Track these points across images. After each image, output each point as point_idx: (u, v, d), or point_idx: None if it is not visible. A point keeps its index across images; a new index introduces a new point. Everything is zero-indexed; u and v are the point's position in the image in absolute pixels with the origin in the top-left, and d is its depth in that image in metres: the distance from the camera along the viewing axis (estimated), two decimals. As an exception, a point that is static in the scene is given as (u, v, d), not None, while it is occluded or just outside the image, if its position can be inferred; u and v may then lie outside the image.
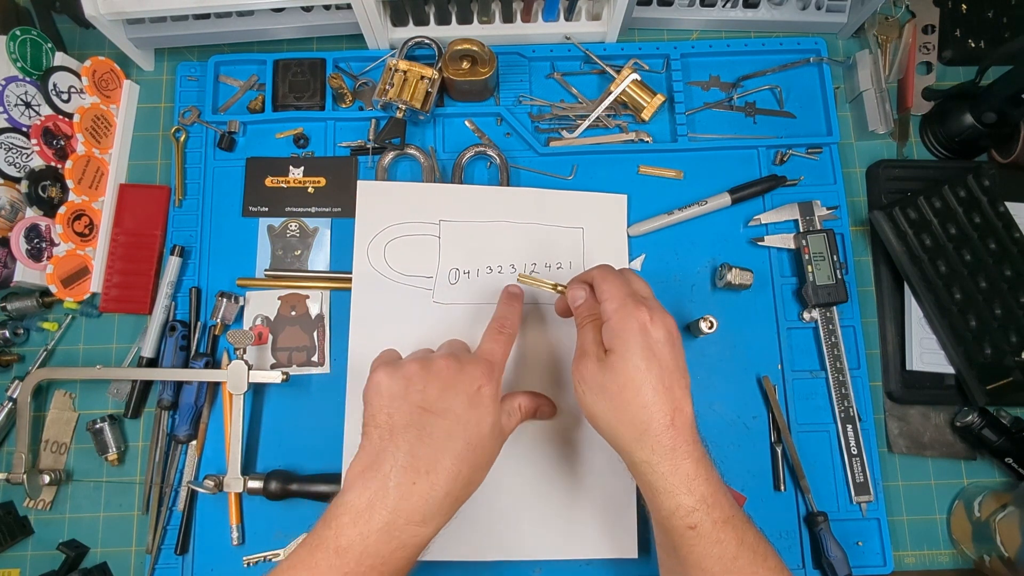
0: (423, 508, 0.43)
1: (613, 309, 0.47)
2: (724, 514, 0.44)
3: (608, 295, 0.48)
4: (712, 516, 0.44)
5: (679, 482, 0.44)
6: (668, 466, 0.44)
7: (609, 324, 0.47)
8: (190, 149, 0.70)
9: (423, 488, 0.44)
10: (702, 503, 0.44)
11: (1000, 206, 0.65)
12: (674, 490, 0.44)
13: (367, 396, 0.48)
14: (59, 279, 0.64)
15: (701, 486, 0.44)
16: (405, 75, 0.66)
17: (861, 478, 0.62)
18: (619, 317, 0.47)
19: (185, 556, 0.61)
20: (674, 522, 0.44)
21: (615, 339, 0.46)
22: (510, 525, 0.59)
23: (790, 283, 0.67)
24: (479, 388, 0.48)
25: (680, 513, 0.44)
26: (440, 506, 0.44)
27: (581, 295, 0.52)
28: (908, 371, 0.65)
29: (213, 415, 0.64)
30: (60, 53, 0.68)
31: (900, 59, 0.73)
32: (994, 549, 0.59)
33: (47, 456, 0.63)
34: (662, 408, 0.45)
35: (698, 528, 0.44)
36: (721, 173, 0.69)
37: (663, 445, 0.44)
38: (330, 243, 0.67)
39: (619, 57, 0.72)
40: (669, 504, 0.44)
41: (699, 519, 0.44)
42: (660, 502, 0.45)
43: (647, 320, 0.46)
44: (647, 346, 0.46)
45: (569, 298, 0.53)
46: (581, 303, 0.52)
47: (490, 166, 0.69)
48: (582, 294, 0.52)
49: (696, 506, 0.44)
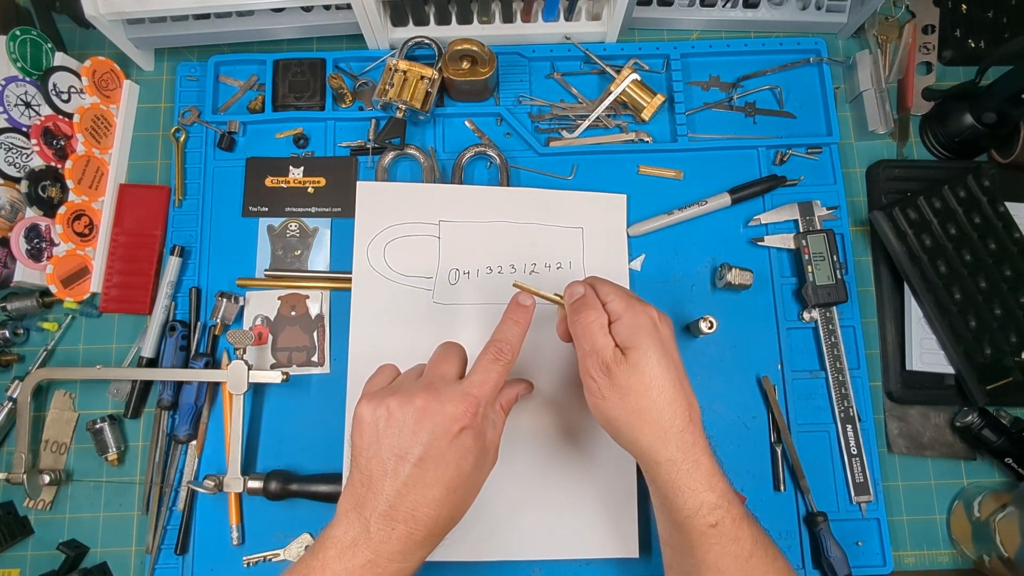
0: (404, 549, 0.43)
1: (623, 307, 0.47)
2: (741, 511, 0.45)
3: (611, 295, 0.48)
4: (732, 513, 0.44)
5: (701, 478, 0.44)
6: (691, 463, 0.44)
7: (622, 321, 0.47)
8: (190, 149, 0.70)
9: (402, 533, 0.43)
10: (723, 499, 0.44)
11: (1000, 206, 0.65)
12: (697, 487, 0.44)
13: (352, 430, 0.47)
14: (59, 279, 0.64)
15: (720, 482, 0.45)
16: (405, 75, 0.66)
17: (861, 478, 0.62)
18: (632, 314, 0.46)
19: (185, 556, 0.61)
20: (696, 521, 0.44)
21: (633, 336, 0.46)
22: (511, 525, 0.59)
23: (790, 283, 0.67)
24: (460, 431, 0.44)
25: (703, 511, 0.44)
26: (422, 545, 0.44)
27: (580, 289, 0.50)
28: (908, 371, 0.65)
29: (213, 415, 0.64)
30: (60, 53, 0.68)
31: (900, 59, 0.73)
32: (994, 549, 0.59)
33: (47, 456, 0.63)
34: (682, 404, 0.45)
35: (719, 526, 0.44)
36: (721, 173, 0.69)
37: (686, 442, 0.45)
38: (330, 243, 0.67)
39: (619, 57, 0.72)
40: (693, 503, 0.44)
41: (720, 516, 0.44)
42: (683, 501, 0.44)
43: (656, 317, 0.47)
44: (661, 343, 0.46)
45: (567, 293, 0.51)
46: (579, 297, 0.49)
47: (490, 166, 0.69)
48: (581, 289, 0.50)
49: (718, 502, 0.44)
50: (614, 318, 0.47)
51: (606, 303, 0.48)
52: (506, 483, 0.59)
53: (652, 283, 0.67)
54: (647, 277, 0.67)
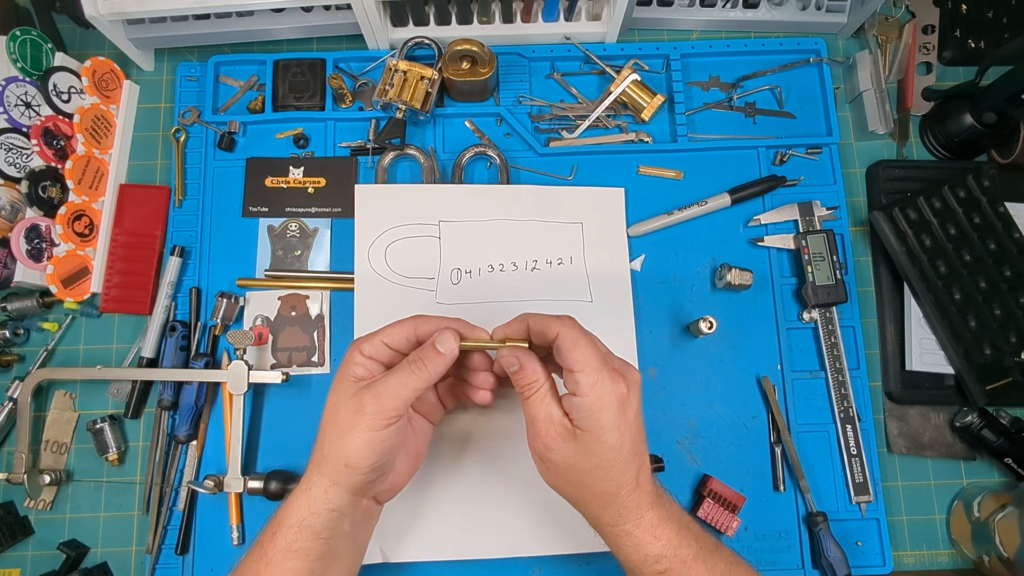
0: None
1: (590, 384, 0.43)
2: (691, 551, 0.45)
3: (581, 364, 0.43)
4: (680, 556, 0.44)
5: (644, 533, 0.45)
6: (633, 523, 0.45)
7: (584, 401, 0.43)
8: (190, 149, 0.70)
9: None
10: (668, 547, 0.44)
11: (1000, 206, 0.65)
12: (639, 542, 0.45)
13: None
14: (59, 279, 0.64)
15: (666, 530, 0.45)
16: (405, 75, 0.66)
17: (861, 478, 0.62)
18: (597, 395, 0.43)
19: (185, 556, 0.61)
20: (644, 569, 0.45)
21: (590, 419, 0.43)
22: (510, 522, 0.59)
23: (790, 283, 0.67)
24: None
25: (649, 562, 0.45)
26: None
27: (514, 361, 0.46)
28: (908, 371, 0.65)
29: (213, 415, 0.64)
30: (60, 53, 0.68)
31: (900, 59, 0.73)
32: (993, 549, 0.59)
33: (47, 456, 0.63)
34: (629, 475, 0.45)
35: (668, 572, 0.44)
36: (721, 173, 0.69)
37: (628, 507, 0.45)
38: (330, 243, 0.67)
39: (619, 57, 0.72)
40: (637, 556, 0.45)
41: (668, 564, 0.44)
42: (628, 555, 0.45)
43: (625, 394, 0.44)
44: (624, 423, 0.44)
45: (503, 364, 0.47)
46: (516, 369, 0.46)
47: (490, 166, 0.69)
48: (514, 360, 0.46)
49: (663, 552, 0.44)
50: (577, 392, 0.43)
51: (573, 371, 0.43)
52: (506, 481, 0.59)
53: (652, 283, 0.67)
54: (647, 277, 0.67)
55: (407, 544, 0.58)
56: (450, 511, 0.59)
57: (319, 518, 0.45)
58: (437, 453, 0.60)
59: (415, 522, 0.59)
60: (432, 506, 0.59)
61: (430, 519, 0.59)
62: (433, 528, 0.59)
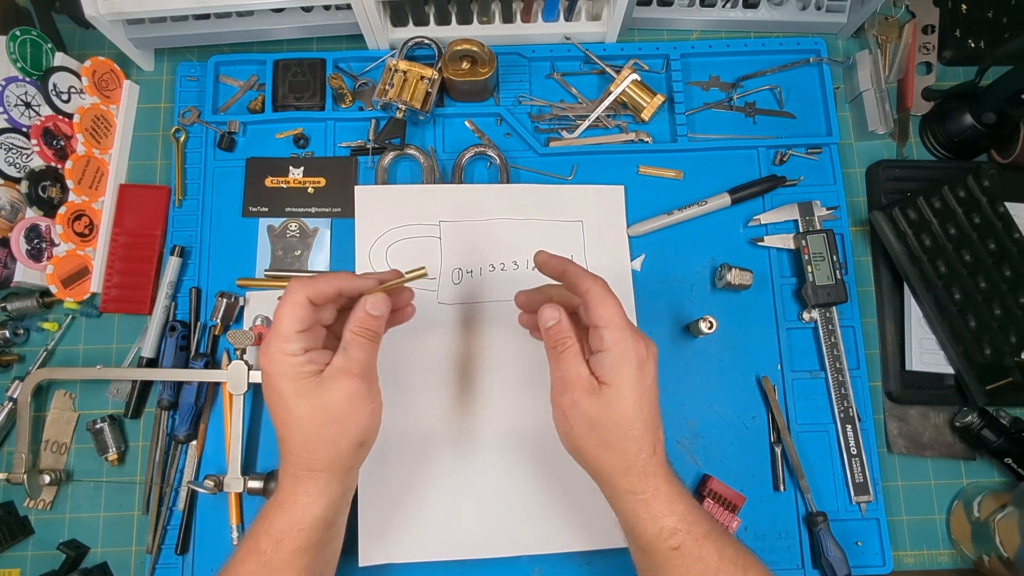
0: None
1: (615, 340, 0.45)
2: (703, 529, 0.45)
3: (607, 320, 0.45)
4: (693, 534, 0.45)
5: (661, 505, 0.45)
6: (651, 492, 0.45)
7: (608, 355, 0.45)
8: (190, 149, 0.70)
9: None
10: (683, 521, 0.45)
11: (1000, 206, 0.65)
12: (657, 513, 0.45)
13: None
14: (59, 279, 0.64)
15: (681, 504, 0.45)
16: (405, 75, 0.66)
17: (861, 478, 0.62)
18: (620, 350, 0.45)
19: (185, 556, 0.61)
20: (657, 545, 0.45)
21: (613, 373, 0.45)
22: (510, 521, 0.59)
23: (790, 283, 0.67)
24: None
25: (664, 535, 0.45)
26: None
27: (555, 316, 0.48)
28: (908, 371, 0.65)
29: (213, 415, 0.64)
30: (60, 53, 0.68)
31: (900, 59, 0.73)
32: (993, 549, 0.59)
33: (47, 456, 0.63)
34: (648, 440, 0.45)
35: (681, 548, 0.45)
36: (721, 173, 0.69)
37: (647, 474, 0.45)
38: (330, 243, 0.67)
39: (619, 57, 0.72)
40: (653, 528, 0.45)
41: (682, 539, 0.45)
42: (644, 527, 0.46)
43: (645, 355, 0.45)
44: (643, 383, 0.45)
45: (540, 319, 0.48)
46: (554, 324, 0.48)
47: (490, 166, 0.69)
48: (555, 315, 0.48)
49: (678, 525, 0.45)
50: (601, 347, 0.45)
51: (599, 327, 0.45)
52: (505, 478, 0.60)
53: (652, 283, 0.67)
54: (647, 277, 0.67)
55: (410, 544, 0.58)
56: (451, 511, 0.59)
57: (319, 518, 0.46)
58: (439, 453, 0.60)
59: (417, 523, 0.59)
60: (433, 506, 0.59)
61: (431, 519, 0.59)
62: (434, 528, 0.59)
